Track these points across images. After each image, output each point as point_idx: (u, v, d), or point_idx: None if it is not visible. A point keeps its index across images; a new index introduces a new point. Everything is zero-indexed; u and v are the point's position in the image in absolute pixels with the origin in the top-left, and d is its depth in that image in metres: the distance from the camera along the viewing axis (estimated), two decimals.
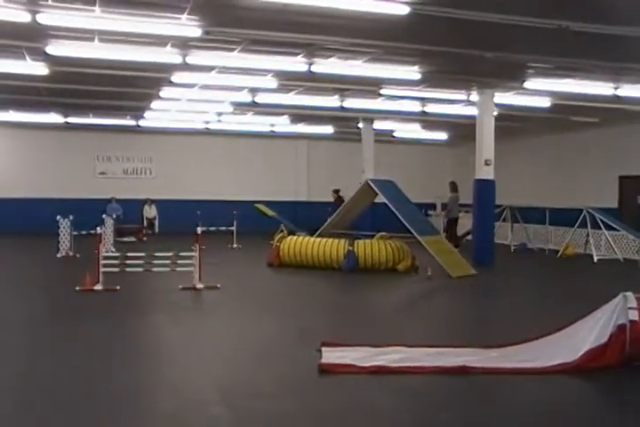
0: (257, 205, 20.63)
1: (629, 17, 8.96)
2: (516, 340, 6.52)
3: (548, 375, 5.67)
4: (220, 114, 19.23)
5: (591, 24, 9.27)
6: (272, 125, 21.85)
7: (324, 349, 6.31)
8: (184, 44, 10.79)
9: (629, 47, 10.49)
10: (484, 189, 14.69)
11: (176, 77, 13.33)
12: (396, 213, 13.19)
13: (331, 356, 6.06)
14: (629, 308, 5.83)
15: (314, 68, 11.99)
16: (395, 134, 23.27)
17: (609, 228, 16.12)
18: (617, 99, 14.50)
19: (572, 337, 6.11)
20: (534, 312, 9.21)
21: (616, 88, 13.88)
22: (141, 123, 20.75)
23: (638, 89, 13.93)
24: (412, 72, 12.62)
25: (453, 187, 18.39)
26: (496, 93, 14.67)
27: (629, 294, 5.93)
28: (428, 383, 5.51)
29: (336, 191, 21.39)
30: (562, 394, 5.32)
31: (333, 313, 9.19)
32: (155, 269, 10.39)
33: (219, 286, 10.47)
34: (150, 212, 23.12)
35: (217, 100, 16.58)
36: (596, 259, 15.75)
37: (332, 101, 16.26)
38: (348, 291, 11.41)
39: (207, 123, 21.12)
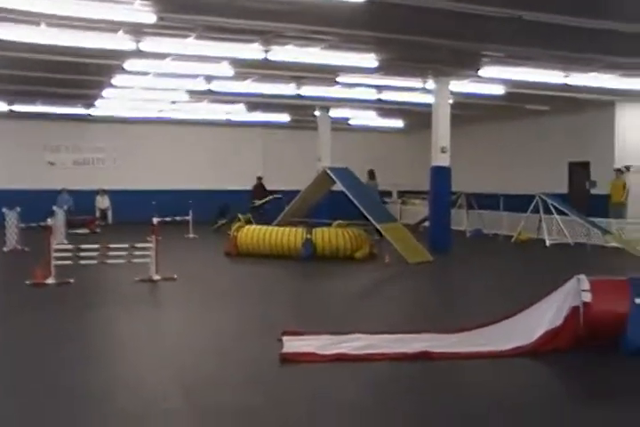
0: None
1: (579, 8, 9.13)
2: (475, 324, 6.61)
3: (507, 358, 5.77)
4: (174, 102, 18.91)
5: (544, 14, 9.39)
6: (228, 113, 21.62)
7: (284, 338, 6.27)
8: (137, 30, 10.52)
9: (579, 37, 10.68)
10: (440, 176, 14.80)
11: (129, 65, 12.99)
12: (354, 200, 13.21)
13: (292, 345, 6.03)
14: (583, 290, 5.96)
15: (270, 56, 11.85)
16: (351, 122, 23.28)
17: (560, 213, 16.47)
18: (567, 87, 14.78)
19: (528, 320, 6.22)
20: (492, 296, 9.35)
21: (566, 76, 14.13)
22: (92, 111, 20.24)
23: (587, 77, 14.23)
24: (369, 60, 12.60)
25: (371, 175, 18.88)
26: (452, 81, 14.76)
27: (583, 276, 6.06)
28: (390, 370, 5.55)
29: (259, 178, 22.29)
30: (517, 377, 5.44)
31: (293, 302, 9.16)
32: (109, 261, 10.19)
33: (175, 277, 10.32)
34: (103, 202, 22.62)
35: (171, 88, 16.28)
36: (548, 243, 16.09)
37: (288, 89, 16.15)
38: (306, 280, 11.40)
39: (161, 111, 20.74)
